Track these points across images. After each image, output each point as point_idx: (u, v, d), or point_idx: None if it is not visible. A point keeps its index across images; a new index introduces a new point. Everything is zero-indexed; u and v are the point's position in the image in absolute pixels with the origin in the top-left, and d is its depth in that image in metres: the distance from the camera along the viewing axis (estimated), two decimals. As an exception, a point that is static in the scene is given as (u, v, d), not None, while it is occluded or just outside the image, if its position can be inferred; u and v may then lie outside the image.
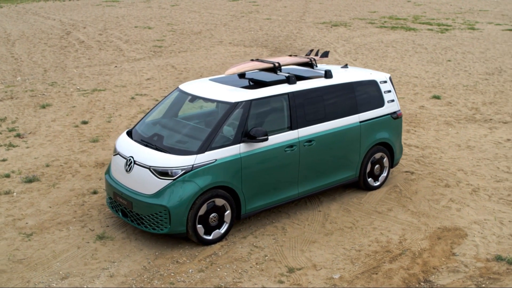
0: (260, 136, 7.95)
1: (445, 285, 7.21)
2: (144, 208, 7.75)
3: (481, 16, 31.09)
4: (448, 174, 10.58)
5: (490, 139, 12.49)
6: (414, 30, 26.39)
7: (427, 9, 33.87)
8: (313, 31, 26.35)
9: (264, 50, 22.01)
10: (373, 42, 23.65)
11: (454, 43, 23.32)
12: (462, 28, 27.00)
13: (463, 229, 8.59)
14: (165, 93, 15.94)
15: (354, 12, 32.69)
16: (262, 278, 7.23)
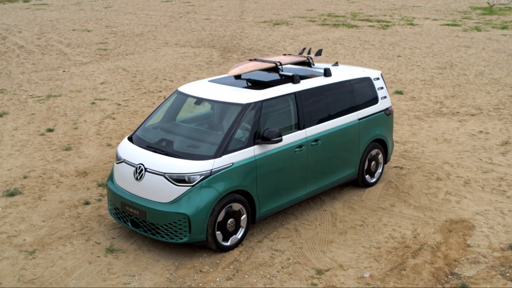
0: (274, 137, 7.79)
1: (472, 276, 7.27)
2: (160, 217, 7.42)
3: (416, 12, 31.98)
4: (436, 168, 10.73)
5: (463, 131, 12.78)
6: (356, 27, 26.79)
7: (362, 6, 34.52)
8: (257, 30, 26.31)
9: (213, 51, 21.77)
10: (320, 40, 23.84)
11: (399, 39, 23.84)
12: (401, 24, 27.65)
13: (469, 220, 8.71)
14: (124, 97, 15.47)
15: (292, 11, 32.89)
16: (294, 282, 7.06)
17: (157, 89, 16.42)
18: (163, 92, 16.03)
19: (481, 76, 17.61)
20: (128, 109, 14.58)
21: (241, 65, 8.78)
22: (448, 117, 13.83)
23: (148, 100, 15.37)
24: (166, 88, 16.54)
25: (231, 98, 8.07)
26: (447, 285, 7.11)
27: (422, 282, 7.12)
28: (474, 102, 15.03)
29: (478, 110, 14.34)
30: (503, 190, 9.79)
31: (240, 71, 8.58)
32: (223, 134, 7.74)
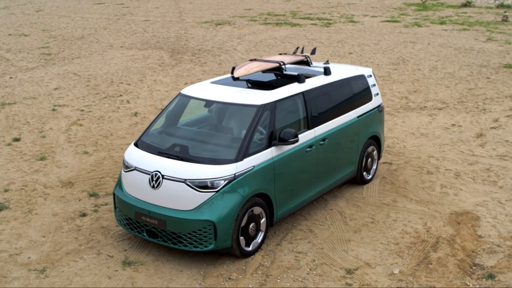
0: (291, 138, 7.68)
1: (494, 265, 7.42)
2: (183, 226, 7.16)
3: (353, 9, 32.57)
4: (423, 162, 10.91)
5: (436, 125, 13.07)
6: (300, 26, 26.99)
7: (299, 5, 34.83)
8: (201, 31, 26.07)
9: (162, 53, 21.41)
10: (267, 39, 23.86)
11: (345, 36, 24.18)
12: (343, 21, 28.08)
13: (472, 212, 8.89)
14: (85, 103, 14.98)
15: (230, 11, 32.78)
16: (328, 284, 6.99)
17: (116, 93, 15.94)
18: (124, 96, 15.59)
19: (435, 71, 18.09)
20: (93, 114, 14.07)
21: (244, 65, 8.59)
22: (417, 112, 14.10)
23: (111, 104, 14.90)
24: (126, 92, 16.08)
25: (244, 99, 7.89)
26: (474, 276, 7.19)
27: (451, 274, 7.19)
28: (437, 96, 15.40)
29: (443, 104, 14.70)
30: (494, 180, 10.05)
31: (246, 72, 8.41)
32: (242, 137, 7.54)
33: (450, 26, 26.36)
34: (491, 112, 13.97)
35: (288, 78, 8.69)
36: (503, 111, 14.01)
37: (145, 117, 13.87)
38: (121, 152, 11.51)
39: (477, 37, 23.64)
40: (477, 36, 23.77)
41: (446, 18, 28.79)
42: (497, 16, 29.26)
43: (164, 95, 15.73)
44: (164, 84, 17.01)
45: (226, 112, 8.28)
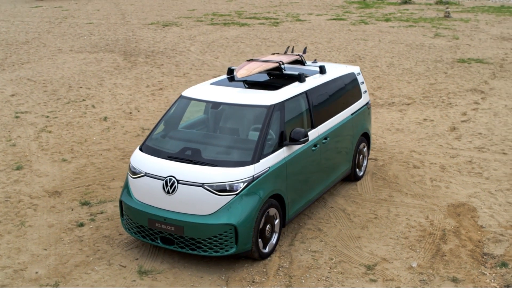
0: (302, 137, 7.68)
1: (504, 254, 7.65)
2: (202, 231, 7.03)
3: (296, 8, 32.88)
4: (407, 157, 11.14)
5: (409, 120, 13.38)
6: (248, 25, 27.03)
7: (242, 5, 34.87)
8: (149, 33, 25.72)
9: (115, 55, 21.01)
10: (219, 39, 23.78)
11: (296, 35, 24.38)
12: (290, 20, 28.30)
13: (468, 203, 9.15)
14: (48, 109, 14.56)
15: (174, 12, 32.47)
16: (352, 281, 7.03)
17: (78, 98, 15.52)
18: (87, 101, 15.19)
19: (393, 67, 18.49)
20: (60, 121, 13.65)
21: (245, 66, 8.52)
22: (387, 108, 14.37)
23: (76, 110, 14.50)
24: (88, 96, 15.68)
25: (253, 100, 7.82)
26: (487, 265, 7.39)
27: (467, 265, 7.36)
28: (401, 92, 15.74)
29: (410, 99, 15.04)
30: (479, 172, 10.36)
31: (248, 72, 8.33)
32: (254, 138, 7.48)
33: (396, 23, 26.99)
34: (457, 106, 14.38)
35: (288, 78, 8.65)
36: (468, 105, 14.45)
37: (115, 121, 13.55)
38: (101, 159, 11.20)
39: (425, 33, 24.31)
40: (424, 32, 24.44)
41: (390, 15, 29.46)
42: (438, 12, 30.17)
43: (129, 99, 15.41)
44: (126, 87, 16.66)
45: (232, 113, 8.15)
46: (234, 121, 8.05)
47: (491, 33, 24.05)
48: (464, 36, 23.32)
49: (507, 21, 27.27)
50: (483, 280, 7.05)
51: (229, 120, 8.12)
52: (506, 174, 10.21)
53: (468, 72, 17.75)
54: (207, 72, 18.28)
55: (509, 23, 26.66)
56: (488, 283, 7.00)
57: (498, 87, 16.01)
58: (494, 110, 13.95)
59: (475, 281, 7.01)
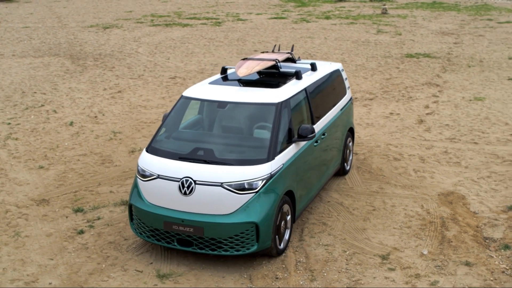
0: (309, 134, 7.82)
1: (503, 237, 8.06)
2: (223, 230, 7.05)
3: (233, 8, 32.99)
4: (384, 150, 11.49)
5: (376, 115, 13.78)
6: (191, 26, 26.94)
7: (178, 5, 34.66)
8: (91, 35, 25.22)
9: (61, 59, 20.55)
10: (165, 40, 23.62)
11: (241, 34, 24.52)
12: (231, 20, 28.39)
13: (456, 192, 9.56)
14: (6, 115, 14.20)
15: (111, 13, 31.91)
16: (372, 271, 7.23)
17: (36, 103, 15.10)
18: (47, 106, 14.82)
19: (345, 64, 18.91)
20: (24, 127, 13.25)
21: (243, 65, 8.55)
22: (351, 103, 14.68)
23: (38, 116, 14.11)
24: (46, 101, 15.28)
25: (259, 98, 7.87)
26: (491, 248, 7.75)
27: (474, 249, 7.70)
28: (360, 88, 16.15)
29: (371, 94, 15.46)
30: (457, 162, 10.81)
31: (249, 71, 8.37)
32: (265, 136, 7.54)
33: (337, 20, 27.56)
34: (418, 99, 14.89)
35: (284, 75, 8.73)
36: (428, 98, 14.99)
37: (82, 126, 13.26)
38: (80, 164, 10.96)
39: (367, 30, 24.95)
40: (367, 29, 25.08)
41: (328, 13, 30.04)
42: (375, 9, 31.01)
43: (90, 102, 15.11)
44: (83, 91, 16.31)
45: (240, 112, 8.15)
46: (241, 120, 8.06)
47: (431, 29, 24.96)
48: (406, 32, 24.10)
49: (442, 17, 28.37)
50: (493, 263, 7.38)
51: (237, 119, 8.12)
52: (483, 162, 10.67)
53: (419, 66, 18.37)
54: (162, 74, 18.12)
55: (445, 18, 27.75)
56: (497, 265, 7.33)
57: (451, 80, 16.67)
58: (453, 102, 14.52)
59: (486, 264, 7.33)
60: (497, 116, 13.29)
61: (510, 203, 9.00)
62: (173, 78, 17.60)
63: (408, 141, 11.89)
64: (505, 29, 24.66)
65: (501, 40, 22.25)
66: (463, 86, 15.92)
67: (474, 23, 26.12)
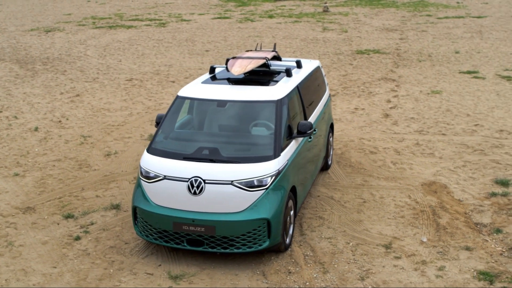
0: (308, 130, 7.99)
1: (493, 222, 8.48)
2: (235, 228, 7.13)
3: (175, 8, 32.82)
4: (359, 144, 11.82)
5: (341, 110, 14.12)
6: (135, 27, 26.67)
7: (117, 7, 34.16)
8: (34, 39, 24.59)
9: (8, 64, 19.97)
10: (112, 43, 23.31)
11: (189, 35, 24.48)
12: (175, 21, 28.26)
13: (437, 181, 9.95)
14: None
15: (50, 17, 31.14)
16: (379, 260, 7.47)
17: (-7, 110, 14.61)
18: (5, 112, 14.43)
19: (301, 62, 19.17)
20: (-13, 134, 12.81)
21: (235, 63, 8.61)
22: (316, 100, 14.95)
23: (2, 121, 13.68)
24: (3, 107, 14.89)
25: (259, 96, 7.97)
26: (484, 232, 8.15)
27: (469, 234, 8.07)
28: (321, 84, 16.43)
29: (332, 90, 15.80)
30: (430, 153, 11.24)
31: (242, 69, 8.45)
32: (268, 133, 7.65)
33: (280, 19, 27.88)
34: (378, 94, 15.32)
35: (274, 73, 8.84)
36: (387, 93, 15.44)
37: (48, 131, 12.97)
38: (57, 170, 10.75)
39: (313, 28, 25.39)
40: (312, 27, 25.51)
41: (271, 12, 30.34)
42: (316, 7, 31.54)
43: (49, 107, 14.80)
44: (39, 96, 15.93)
45: (239, 110, 8.19)
46: (242, 118, 8.11)
47: (374, 25, 25.63)
48: (351, 29, 24.66)
49: (383, 13, 29.16)
50: (489, 246, 7.75)
51: (237, 117, 8.17)
52: (455, 153, 11.13)
53: (371, 62, 18.87)
54: (117, 76, 17.89)
55: (386, 15, 28.54)
56: (494, 248, 7.70)
57: (405, 74, 17.22)
58: (412, 96, 15.02)
59: (484, 248, 7.69)
60: (457, 108, 13.84)
61: (490, 190, 9.42)
62: (130, 80, 17.40)
63: (379, 134, 12.23)
64: (445, 24, 25.61)
65: (444, 35, 23.11)
66: (418, 80, 16.47)
67: (415, 19, 26.99)
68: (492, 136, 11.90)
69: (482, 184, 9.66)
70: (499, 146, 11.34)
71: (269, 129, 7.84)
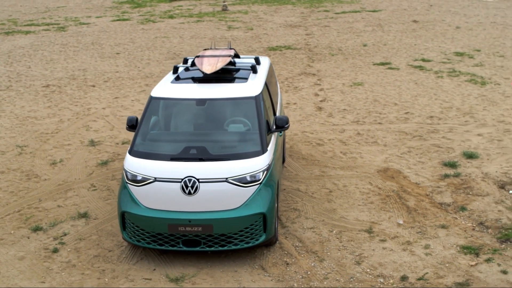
0: (285, 124, 8.23)
1: (455, 201, 9.12)
2: (233, 225, 7.24)
3: (68, 12, 31.79)
4: (304, 137, 12.21)
5: (275, 105, 14.43)
6: (34, 33, 25.65)
7: (8, 12, 32.57)
8: None
9: None
10: (14, 49, 22.32)
11: (94, 38, 23.89)
12: (74, 24, 27.45)
13: (390, 168, 10.52)
14: None
15: None
16: (367, 245, 7.85)
17: None
18: None
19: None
20: None
21: (204, 63, 8.65)
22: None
23: None
24: None
25: (236, 93, 8.07)
26: (451, 211, 8.77)
27: (439, 213, 8.65)
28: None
29: (260, 87, 16.06)
30: (374, 141, 11.82)
31: (214, 68, 8.51)
32: (251, 129, 7.77)
33: (182, 19, 27.83)
34: (304, 88, 15.80)
35: (239, 70, 8.96)
36: (312, 87, 15.97)
37: (-23, 144, 12.27)
38: (4, 182, 10.32)
39: (218, 26, 25.56)
40: (216, 26, 25.68)
41: (170, 12, 30.18)
42: (214, 6, 31.71)
43: None
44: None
45: (217, 108, 8.21)
46: (222, 115, 8.15)
47: (277, 22, 26.20)
48: (256, 27, 25.08)
49: (281, 10, 29.85)
50: (460, 223, 8.34)
51: (217, 115, 8.19)
52: (396, 140, 11.76)
53: (286, 58, 19.35)
54: (31, 83, 17.19)
55: (285, 12, 29.23)
56: (465, 224, 8.30)
57: (323, 69, 17.83)
58: (337, 88, 15.62)
59: (457, 224, 8.26)
60: (383, 98, 14.56)
61: (441, 172, 10.06)
62: (47, 86, 16.77)
63: (319, 127, 12.64)
64: (345, 19, 26.65)
65: (347, 29, 24.07)
66: (337, 74, 17.11)
67: (314, 15, 27.87)
68: (425, 122, 12.64)
69: (432, 167, 10.27)
70: (434, 131, 12.08)
71: (248, 125, 7.92)
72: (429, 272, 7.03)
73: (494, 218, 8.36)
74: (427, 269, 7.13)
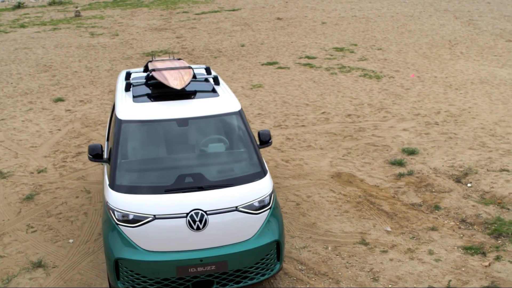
0: (269, 138, 7.76)
1: (424, 200, 9.15)
2: (249, 257, 6.58)
3: None
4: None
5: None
6: None
7: None
8: None
9: None
10: None
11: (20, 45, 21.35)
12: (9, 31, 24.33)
13: (342, 171, 10.36)
14: None
15: None
16: (372, 258, 7.59)
17: None
18: None
19: (93, 71, 18.11)
20: None
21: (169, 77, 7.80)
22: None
23: None
24: None
25: (218, 109, 7.37)
26: (426, 211, 8.80)
27: (420, 215, 8.61)
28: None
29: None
30: (308, 145, 11.60)
31: (182, 82, 7.70)
32: (251, 147, 7.14)
33: (36, 28, 25.75)
34: (206, 94, 15.16)
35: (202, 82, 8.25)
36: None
37: None
38: None
39: (79, 34, 23.96)
40: (77, 33, 24.06)
41: (18, 21, 27.80)
42: (66, 13, 29.71)
43: None
44: None
45: (199, 127, 7.38)
46: (206, 135, 7.35)
47: (140, 26, 25.12)
48: (121, 32, 23.84)
49: (138, 14, 28.68)
50: (443, 222, 8.35)
51: (200, 135, 7.38)
52: (329, 141, 11.63)
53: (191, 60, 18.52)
54: None
55: (143, 15, 28.15)
56: (448, 223, 8.32)
57: (214, 72, 17.26)
58: (239, 92, 15.20)
59: (443, 225, 8.26)
60: (291, 99, 14.38)
61: (392, 171, 10.07)
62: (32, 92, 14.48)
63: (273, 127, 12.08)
64: (208, 19, 26.19)
65: (215, 30, 23.65)
66: (229, 77, 16.67)
67: (175, 17, 27.08)
68: (346, 121, 12.63)
69: (381, 168, 10.22)
70: (361, 130, 12.10)
71: (237, 144, 7.24)
72: (452, 280, 6.84)
73: (472, 214, 8.42)
74: (447, 276, 6.95)
